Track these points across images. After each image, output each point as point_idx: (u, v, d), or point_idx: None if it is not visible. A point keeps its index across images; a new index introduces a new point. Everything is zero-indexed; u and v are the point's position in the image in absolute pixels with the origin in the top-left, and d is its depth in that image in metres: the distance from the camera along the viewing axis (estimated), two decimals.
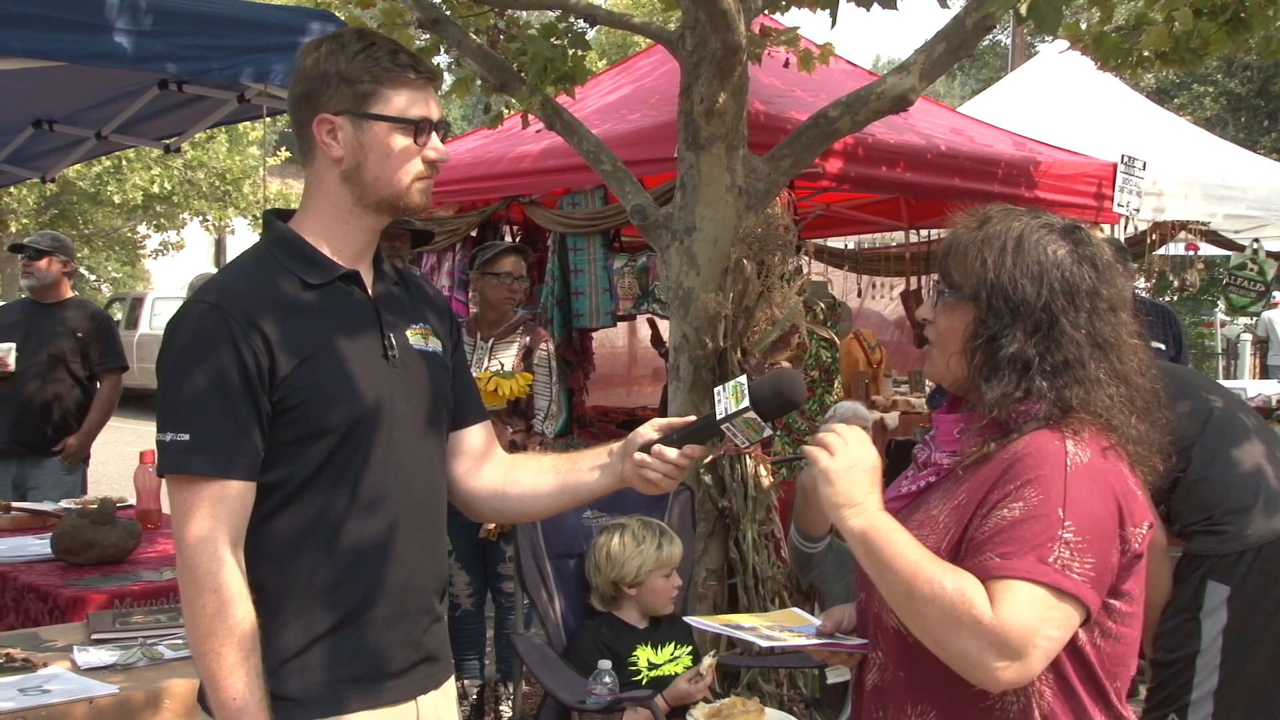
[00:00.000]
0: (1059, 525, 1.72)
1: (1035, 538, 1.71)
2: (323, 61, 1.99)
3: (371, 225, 2.05)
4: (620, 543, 3.61)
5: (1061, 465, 1.76)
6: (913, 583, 1.72)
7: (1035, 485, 1.74)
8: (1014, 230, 1.88)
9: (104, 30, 3.35)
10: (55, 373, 6.00)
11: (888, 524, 1.80)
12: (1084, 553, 1.72)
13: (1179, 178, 8.46)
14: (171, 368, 1.91)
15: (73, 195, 18.95)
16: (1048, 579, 1.70)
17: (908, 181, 6.59)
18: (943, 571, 1.72)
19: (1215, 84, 23.56)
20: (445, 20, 4.67)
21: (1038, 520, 1.72)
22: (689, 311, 4.52)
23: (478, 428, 2.23)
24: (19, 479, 5.95)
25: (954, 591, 1.69)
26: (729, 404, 1.97)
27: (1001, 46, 26.45)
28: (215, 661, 1.83)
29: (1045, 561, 1.70)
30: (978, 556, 1.74)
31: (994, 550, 1.73)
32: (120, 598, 3.75)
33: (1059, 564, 1.71)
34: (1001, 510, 1.75)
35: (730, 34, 4.17)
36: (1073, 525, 1.72)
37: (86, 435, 6.08)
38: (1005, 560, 1.71)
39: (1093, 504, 1.75)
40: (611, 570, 3.60)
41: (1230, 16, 4.43)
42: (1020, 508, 1.74)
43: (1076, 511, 1.73)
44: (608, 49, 22.88)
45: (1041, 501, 1.73)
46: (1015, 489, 1.75)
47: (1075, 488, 1.74)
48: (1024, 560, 1.70)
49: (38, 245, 6.04)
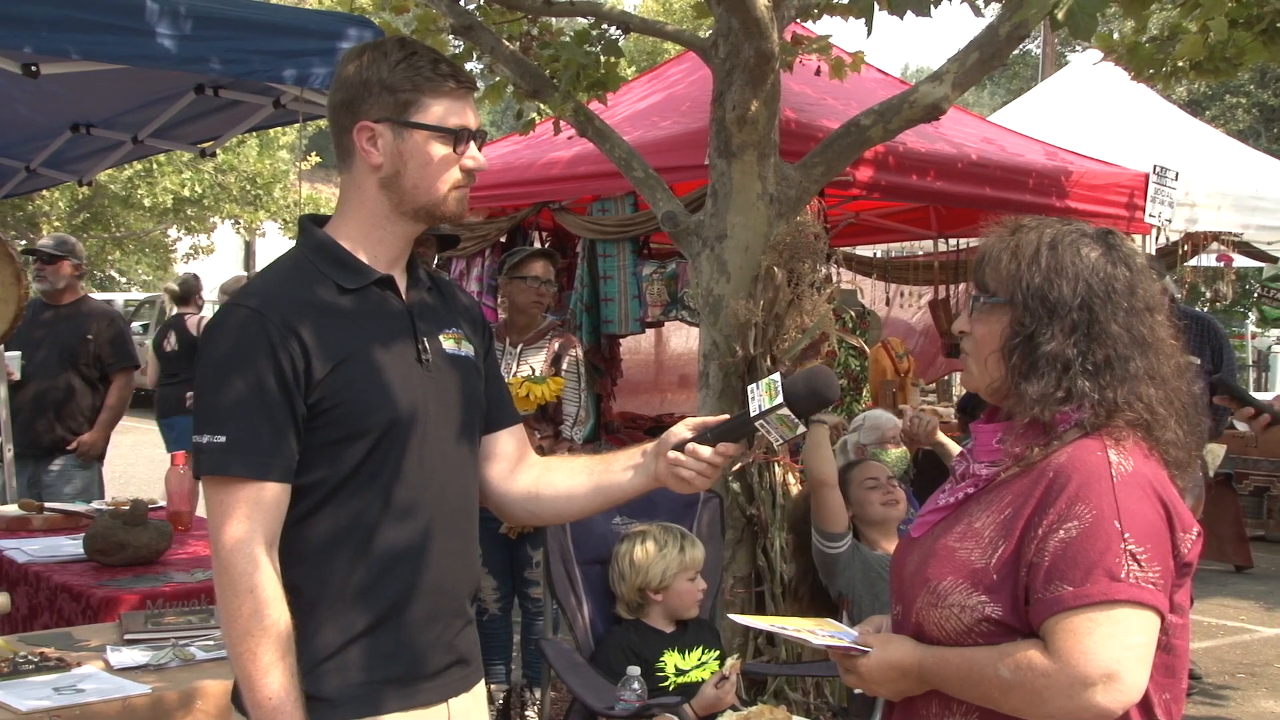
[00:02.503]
0: (1119, 538, 1.71)
1: (1100, 556, 1.70)
2: (365, 69, 2.00)
3: (407, 232, 2.06)
4: (643, 549, 3.61)
5: (1107, 476, 1.74)
6: (983, 690, 1.78)
7: (1085, 501, 1.73)
8: (1047, 235, 1.88)
9: (146, 34, 3.40)
10: (68, 373, 6.09)
11: (931, 660, 1.84)
12: (1150, 561, 1.71)
13: (1211, 189, 8.40)
14: (210, 371, 1.92)
15: (104, 199, 19.10)
16: (1126, 595, 1.69)
17: (938, 190, 6.57)
18: (993, 665, 1.76)
19: (1248, 95, 23.38)
20: (478, 26, 4.70)
21: (1097, 538, 1.71)
22: (719, 319, 4.52)
23: (510, 431, 2.24)
24: (35, 479, 6.04)
25: (1013, 675, 1.73)
26: (762, 401, 1.96)
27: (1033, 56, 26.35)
28: (251, 662, 1.84)
29: (1118, 578, 1.69)
30: (1047, 588, 1.72)
31: (1063, 579, 1.71)
32: (152, 598, 3.77)
33: (1131, 577, 1.69)
34: (1058, 533, 1.73)
35: (763, 41, 4.17)
36: (1132, 536, 1.71)
37: (100, 432, 6.17)
38: (1079, 589, 1.69)
39: (1145, 511, 1.74)
40: (637, 577, 3.60)
41: (1266, 26, 4.41)
42: (1076, 527, 1.72)
43: (1132, 521, 1.72)
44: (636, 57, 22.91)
45: (1096, 518, 1.72)
46: (1066, 507, 1.73)
47: (1125, 497, 1.73)
48: (1098, 583, 1.69)
49: (49, 249, 6.16)
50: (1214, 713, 5.71)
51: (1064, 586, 1.70)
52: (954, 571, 1.82)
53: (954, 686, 1.82)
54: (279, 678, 1.84)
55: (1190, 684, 5.94)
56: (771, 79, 4.36)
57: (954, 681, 1.82)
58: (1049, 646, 1.71)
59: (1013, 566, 1.77)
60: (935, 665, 1.83)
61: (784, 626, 2.10)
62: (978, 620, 1.79)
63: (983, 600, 1.78)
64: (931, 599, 1.84)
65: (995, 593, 1.78)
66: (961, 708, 1.84)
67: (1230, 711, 5.74)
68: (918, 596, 1.87)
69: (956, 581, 1.81)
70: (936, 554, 1.88)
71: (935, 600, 1.83)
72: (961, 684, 1.81)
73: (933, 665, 1.83)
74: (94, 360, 6.15)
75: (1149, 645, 1.72)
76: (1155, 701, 1.80)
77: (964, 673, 1.79)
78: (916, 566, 1.91)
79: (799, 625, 2.11)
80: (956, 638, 1.81)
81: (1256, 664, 6.46)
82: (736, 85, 4.36)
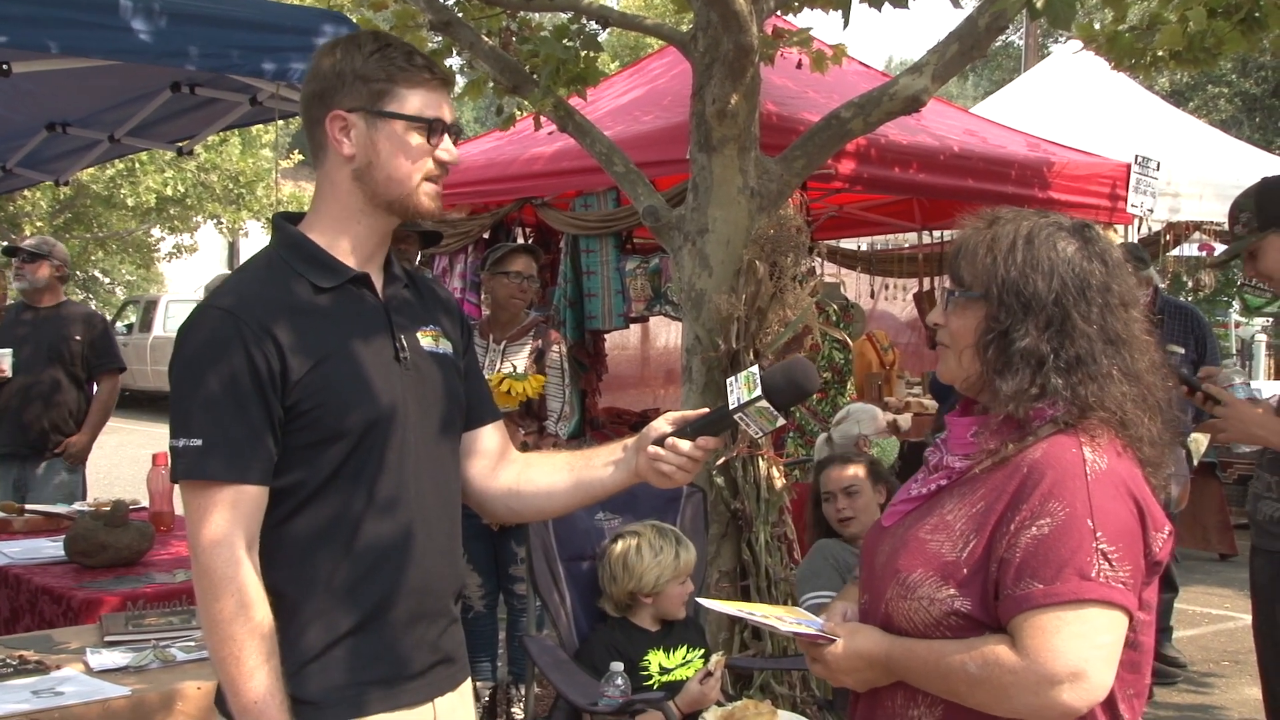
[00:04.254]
0: (1091, 537, 1.70)
1: (1072, 554, 1.69)
2: (339, 61, 1.99)
3: (382, 227, 2.05)
4: (638, 553, 3.57)
5: (1081, 474, 1.74)
6: (950, 684, 1.77)
7: (1058, 498, 1.72)
8: (1023, 229, 1.87)
9: (122, 30, 3.39)
10: (53, 376, 6.08)
11: (899, 651, 1.83)
12: (1121, 561, 1.71)
13: (1193, 178, 8.43)
14: (184, 373, 1.91)
15: (86, 199, 19.01)
16: (1096, 595, 1.69)
17: (921, 182, 6.58)
18: (961, 659, 1.75)
19: (1230, 85, 23.44)
20: (457, 22, 4.68)
21: (1070, 536, 1.70)
22: (701, 313, 4.51)
23: (491, 428, 2.23)
24: (20, 481, 6.04)
25: (980, 670, 1.72)
26: (741, 394, 1.96)
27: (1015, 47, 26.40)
28: (234, 665, 1.83)
29: (1089, 577, 1.69)
30: (1017, 585, 1.71)
31: (1034, 576, 1.70)
32: (134, 600, 3.75)
33: (1102, 576, 1.69)
34: (1030, 529, 1.72)
35: (742, 35, 4.16)
36: (1105, 535, 1.71)
37: (88, 435, 6.18)
38: (1050, 586, 1.69)
39: (1118, 510, 1.74)
40: (630, 581, 3.57)
41: (1244, 16, 4.41)
42: (1049, 524, 1.71)
43: (1105, 520, 1.72)
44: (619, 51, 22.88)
45: (1069, 516, 1.71)
46: (1039, 504, 1.73)
47: (1099, 495, 1.73)
48: (1068, 582, 1.69)
49: (30, 249, 6.14)
50: (1199, 700, 5.74)
51: (1034, 584, 1.70)
52: (924, 564, 1.82)
53: (920, 678, 1.81)
54: (264, 680, 1.83)
55: (1175, 672, 5.96)
56: (751, 72, 4.35)
57: (920, 673, 1.81)
58: (1017, 643, 1.71)
59: (983, 561, 1.77)
60: (903, 656, 1.82)
61: (751, 612, 2.09)
62: (946, 614, 1.78)
63: (952, 594, 1.78)
64: (901, 590, 1.83)
65: (965, 587, 1.77)
66: (926, 700, 1.83)
67: (1215, 699, 5.76)
68: (887, 587, 1.87)
69: (927, 574, 1.81)
70: (908, 545, 1.87)
71: (905, 592, 1.83)
72: (928, 676, 1.80)
73: (900, 656, 1.83)
74: (79, 361, 6.14)
75: (1116, 645, 1.73)
76: (1119, 698, 1.80)
77: (931, 665, 1.79)
78: (887, 557, 1.91)
79: (767, 612, 2.10)
80: (925, 630, 1.81)
81: (1241, 651, 6.48)
82: (716, 79, 4.35)
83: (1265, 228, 3.32)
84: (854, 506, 3.98)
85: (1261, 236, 3.33)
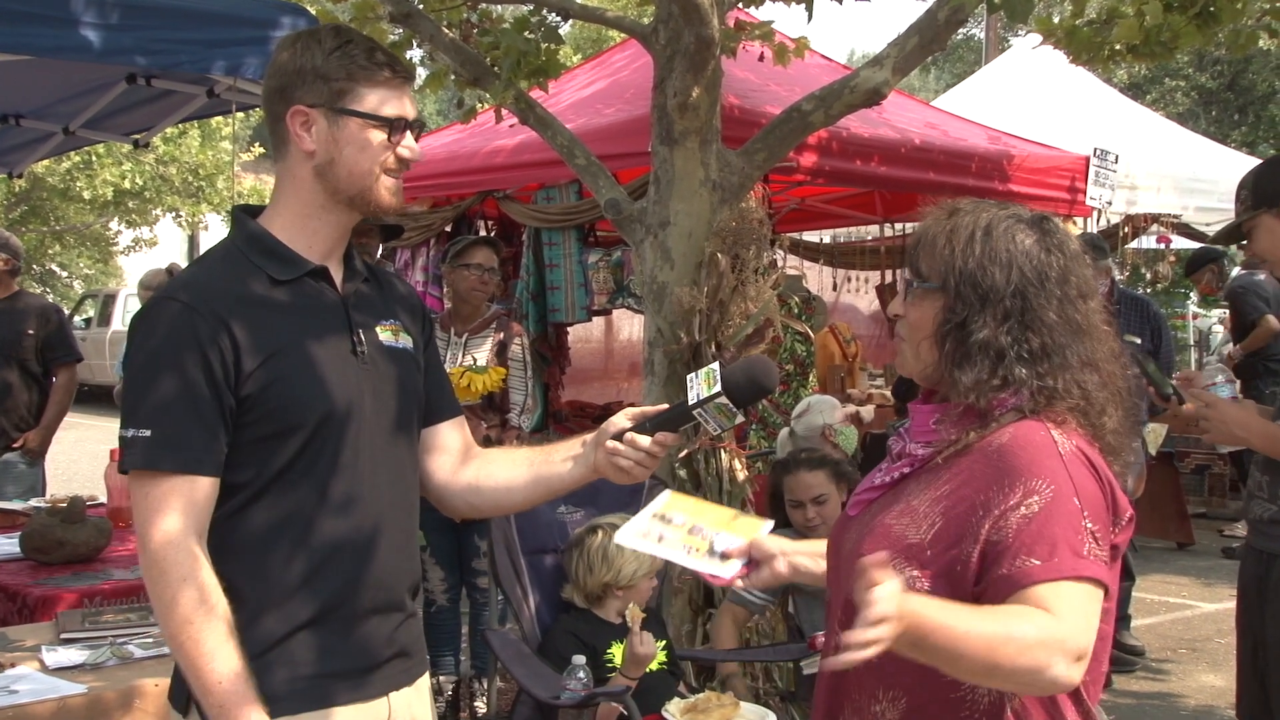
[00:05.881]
0: (1080, 515, 1.71)
1: (1066, 533, 1.69)
2: (299, 56, 1.98)
3: (342, 222, 2.04)
4: (617, 545, 3.58)
5: (1055, 454, 1.75)
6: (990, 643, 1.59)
7: (1040, 476, 1.72)
8: (982, 220, 1.87)
9: (71, 24, 3.32)
10: (9, 369, 6.00)
11: (933, 611, 1.60)
12: (1103, 539, 1.72)
13: (1151, 170, 8.52)
14: (137, 364, 1.90)
15: (42, 191, 18.78)
16: (1090, 572, 1.69)
17: (882, 175, 6.60)
18: (1004, 628, 1.60)
19: (1187, 78, 23.68)
20: (417, 14, 4.65)
21: (1061, 514, 1.70)
22: (663, 306, 4.51)
23: (451, 424, 2.22)
24: None
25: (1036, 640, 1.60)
26: (701, 390, 1.96)
27: (976, 41, 26.54)
28: (195, 648, 1.81)
29: (1082, 555, 1.69)
30: (1012, 563, 1.69)
31: (1030, 554, 1.68)
32: (91, 597, 3.72)
33: (1092, 555, 1.70)
34: (1020, 510, 1.71)
35: (703, 27, 4.16)
36: (1088, 513, 1.72)
37: (46, 429, 6.11)
38: (1047, 563, 1.67)
39: (1093, 489, 1.75)
40: (607, 573, 3.57)
41: (1199, 10, 4.45)
42: (1038, 503, 1.71)
43: (1086, 498, 1.73)
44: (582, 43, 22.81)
45: (1056, 494, 1.71)
46: (1023, 485, 1.72)
47: (1076, 474, 1.74)
48: (1065, 560, 1.68)
49: None
50: (1156, 688, 5.80)
51: (1031, 561, 1.68)
52: (888, 547, 1.82)
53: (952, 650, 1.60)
54: (227, 659, 1.82)
55: (1134, 660, 6.03)
56: (712, 65, 4.35)
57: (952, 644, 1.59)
58: None
59: (951, 543, 1.76)
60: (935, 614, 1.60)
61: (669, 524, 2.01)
62: None
63: (915, 575, 1.77)
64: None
65: (928, 567, 1.77)
66: (890, 693, 1.83)
67: (1172, 686, 5.83)
68: (853, 574, 1.86)
69: (891, 557, 1.81)
70: (873, 531, 1.87)
71: None
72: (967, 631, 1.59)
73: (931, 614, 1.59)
74: (34, 356, 6.05)
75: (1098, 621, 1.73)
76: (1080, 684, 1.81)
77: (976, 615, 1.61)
78: (853, 545, 1.90)
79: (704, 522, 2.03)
80: None
81: (1197, 639, 6.57)
82: (678, 72, 4.35)
83: (1258, 206, 3.23)
84: (822, 514, 4.00)
85: (1254, 215, 3.23)
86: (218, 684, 1.81)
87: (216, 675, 1.81)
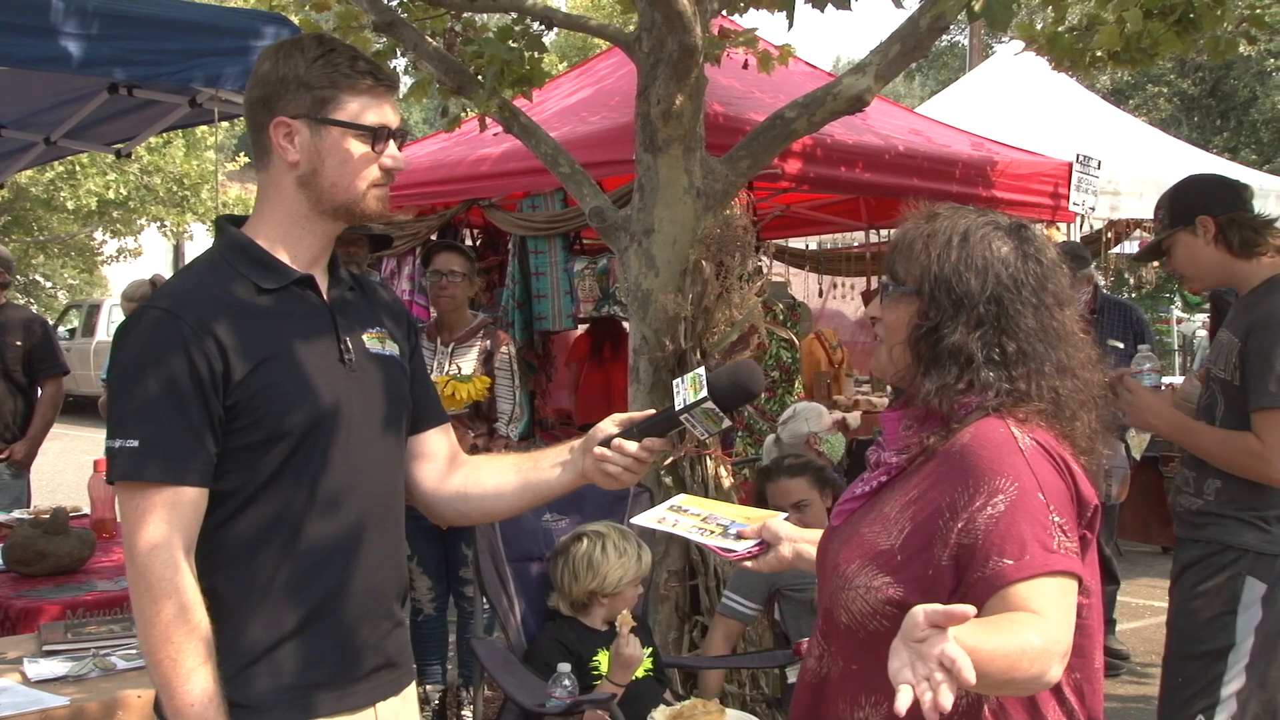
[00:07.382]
0: (1046, 510, 1.71)
1: (1033, 529, 1.69)
2: (281, 66, 1.98)
3: (327, 230, 2.04)
4: (603, 553, 3.58)
5: (1016, 449, 1.75)
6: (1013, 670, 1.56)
7: (1003, 474, 1.73)
8: (960, 226, 1.88)
9: (50, 34, 3.30)
10: None
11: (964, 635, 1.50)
12: (1069, 531, 1.73)
13: (1133, 176, 8.55)
14: (122, 374, 1.89)
15: (25, 201, 18.71)
16: (1062, 566, 1.69)
17: (866, 182, 6.62)
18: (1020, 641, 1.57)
19: (1169, 85, 23.84)
20: (401, 23, 4.65)
21: (1028, 511, 1.71)
22: (648, 313, 4.52)
23: (438, 431, 2.22)
24: None
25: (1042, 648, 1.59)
26: (687, 395, 1.97)
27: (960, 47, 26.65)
28: (172, 668, 1.81)
29: (1052, 549, 1.69)
30: (985, 565, 1.69)
31: (1000, 554, 1.68)
32: (74, 608, 3.70)
33: (1062, 548, 1.70)
34: (986, 511, 1.72)
35: (686, 35, 4.17)
36: (1054, 506, 1.72)
37: (32, 441, 6.10)
38: (1019, 562, 1.67)
39: (1055, 482, 1.75)
40: (592, 580, 3.57)
41: (1179, 17, 4.49)
42: (1003, 501, 1.71)
43: (1050, 492, 1.73)
44: (568, 51, 22.84)
45: (1020, 490, 1.72)
46: (987, 484, 1.73)
47: (1039, 469, 1.74)
48: (1036, 556, 1.68)
49: None
50: (1141, 691, 5.81)
51: (1004, 561, 1.69)
52: (861, 555, 1.83)
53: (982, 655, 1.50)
54: (202, 682, 1.81)
55: (1119, 664, 6.04)
56: (696, 73, 4.36)
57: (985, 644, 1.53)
58: None
59: (921, 547, 1.77)
60: None
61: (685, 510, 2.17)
62: (882, 602, 1.78)
63: (886, 581, 1.78)
64: (840, 582, 1.85)
65: (898, 573, 1.78)
66: (871, 700, 1.83)
67: (1157, 690, 5.83)
68: (832, 583, 1.88)
69: (864, 564, 1.82)
70: (849, 541, 1.89)
71: (843, 583, 1.84)
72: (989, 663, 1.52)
73: None
74: (20, 367, 6.03)
75: (1075, 613, 1.72)
76: (1064, 681, 1.80)
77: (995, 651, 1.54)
78: (834, 555, 1.92)
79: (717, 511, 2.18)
80: (862, 619, 1.81)
81: None
82: (661, 79, 4.36)
83: (1175, 224, 3.37)
84: (805, 520, 4.01)
85: (1171, 233, 3.38)
86: (189, 706, 1.80)
87: (189, 698, 1.80)
